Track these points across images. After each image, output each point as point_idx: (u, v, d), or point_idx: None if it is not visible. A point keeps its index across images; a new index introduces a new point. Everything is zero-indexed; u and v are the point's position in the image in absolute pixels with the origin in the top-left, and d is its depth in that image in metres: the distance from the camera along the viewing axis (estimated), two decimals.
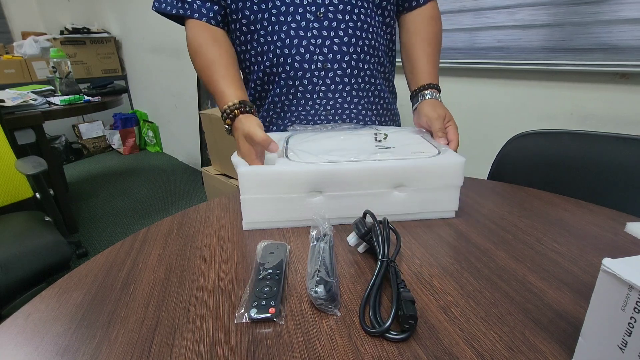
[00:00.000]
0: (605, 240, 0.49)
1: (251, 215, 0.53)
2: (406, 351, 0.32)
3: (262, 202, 0.52)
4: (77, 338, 0.34)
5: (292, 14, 0.65)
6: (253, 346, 0.33)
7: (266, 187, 0.51)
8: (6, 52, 3.09)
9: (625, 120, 1.01)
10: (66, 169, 2.97)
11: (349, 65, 0.69)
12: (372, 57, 0.71)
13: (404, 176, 0.52)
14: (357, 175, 0.51)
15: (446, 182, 0.53)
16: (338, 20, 0.66)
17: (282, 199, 0.52)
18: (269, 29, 0.66)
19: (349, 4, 0.66)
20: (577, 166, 0.72)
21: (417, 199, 0.54)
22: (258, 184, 0.51)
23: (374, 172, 0.52)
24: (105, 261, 0.47)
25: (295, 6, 0.64)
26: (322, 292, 0.36)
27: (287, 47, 0.66)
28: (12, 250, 0.98)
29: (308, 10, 0.65)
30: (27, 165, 1.16)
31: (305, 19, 0.65)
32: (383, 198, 0.53)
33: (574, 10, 1.03)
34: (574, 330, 0.34)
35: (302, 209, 0.53)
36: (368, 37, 0.69)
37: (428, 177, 0.53)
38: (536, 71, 1.14)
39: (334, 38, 0.66)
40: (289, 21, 0.65)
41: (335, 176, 0.51)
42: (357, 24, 0.67)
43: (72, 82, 2.05)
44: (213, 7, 0.68)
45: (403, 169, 0.52)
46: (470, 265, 0.44)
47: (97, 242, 2.05)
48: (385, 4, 0.71)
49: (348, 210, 0.53)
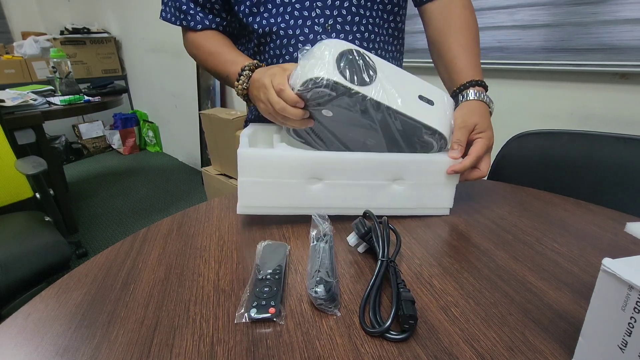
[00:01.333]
0: (605, 240, 0.49)
1: (248, 198, 0.52)
2: (406, 351, 0.32)
3: (260, 185, 0.51)
4: (77, 338, 0.34)
5: (301, 27, 0.64)
6: (253, 346, 0.33)
7: (265, 170, 0.50)
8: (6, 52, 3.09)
9: (625, 120, 1.01)
10: (66, 169, 2.97)
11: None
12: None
13: (403, 169, 0.53)
14: (358, 165, 0.52)
15: (443, 179, 0.54)
16: (346, 31, 0.65)
17: (281, 183, 0.51)
18: (278, 43, 0.66)
19: (357, 14, 0.65)
20: (577, 166, 0.72)
21: (415, 194, 0.54)
22: (257, 166, 0.50)
23: (375, 163, 0.52)
24: (105, 261, 0.47)
25: (303, 19, 0.64)
26: (322, 292, 0.36)
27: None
28: (12, 250, 0.98)
29: (316, 23, 0.64)
30: (27, 165, 1.16)
31: (313, 32, 0.64)
32: (381, 190, 0.54)
33: (573, 10, 1.03)
34: (574, 330, 0.34)
35: (301, 196, 0.52)
36: (375, 47, 0.69)
37: (427, 172, 0.53)
38: (536, 71, 1.14)
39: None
40: (297, 34, 0.65)
41: (337, 164, 0.51)
42: (364, 34, 0.66)
43: (72, 82, 2.05)
44: (215, 19, 0.69)
45: (404, 162, 0.52)
46: (470, 265, 0.44)
47: (97, 242, 2.05)
48: (397, 9, 0.69)
49: (346, 200, 0.53)
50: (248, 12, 0.66)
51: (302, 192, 0.52)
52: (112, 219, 2.30)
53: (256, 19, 0.66)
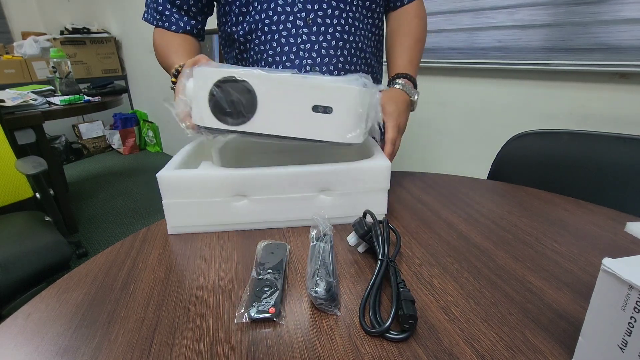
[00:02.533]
0: (605, 240, 0.49)
1: (175, 220, 0.52)
2: (406, 351, 0.32)
3: (185, 206, 0.50)
4: (77, 338, 0.34)
5: (284, 22, 0.67)
6: (253, 346, 0.33)
7: (188, 191, 0.50)
8: (6, 52, 3.09)
9: (625, 120, 1.01)
10: (66, 169, 2.97)
11: (336, 67, 0.70)
12: (359, 59, 0.73)
13: (328, 181, 0.51)
14: (281, 180, 0.50)
15: (372, 186, 0.52)
16: (326, 24, 0.67)
17: (205, 203, 0.50)
18: (262, 39, 0.68)
19: (337, 8, 0.67)
20: (577, 166, 0.72)
21: (345, 203, 0.52)
22: (179, 188, 0.49)
23: (296, 177, 0.50)
24: (105, 261, 0.47)
25: (286, 14, 0.66)
26: (322, 292, 0.36)
27: (278, 55, 0.68)
28: (12, 250, 0.98)
29: (298, 17, 0.66)
30: (27, 165, 1.16)
31: (295, 26, 0.67)
32: (310, 202, 0.52)
33: (573, 10, 1.03)
34: (574, 330, 0.34)
35: (227, 213, 0.51)
36: (355, 40, 0.71)
37: (353, 182, 0.51)
38: (536, 71, 1.14)
39: (322, 42, 0.68)
40: (280, 29, 0.67)
41: (257, 181, 0.50)
42: (344, 27, 0.69)
43: (72, 82, 2.05)
44: (190, 21, 0.72)
45: (326, 174, 0.50)
46: (470, 265, 0.44)
47: (97, 242, 2.05)
48: (375, 6, 0.73)
49: (274, 214, 0.52)
50: (238, 12, 0.68)
51: (227, 209, 0.51)
52: (112, 219, 2.30)
53: (246, 17, 0.68)
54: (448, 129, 1.39)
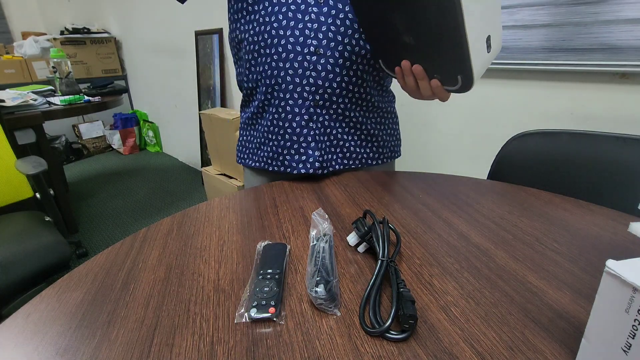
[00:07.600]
0: (605, 240, 0.49)
1: None
2: (406, 351, 0.32)
3: None
4: (77, 338, 0.34)
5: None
6: (253, 346, 0.33)
7: None
8: (6, 52, 3.09)
9: (625, 120, 1.01)
10: (66, 169, 2.97)
11: (341, 55, 0.68)
12: (367, 52, 0.70)
13: None
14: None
15: None
16: (338, 8, 0.65)
17: None
18: (269, 10, 0.66)
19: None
20: (577, 166, 0.72)
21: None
22: None
23: None
24: (105, 261, 0.47)
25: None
26: (322, 292, 0.36)
27: (282, 29, 0.66)
28: (12, 250, 0.98)
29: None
30: (27, 165, 1.16)
31: (305, 2, 0.65)
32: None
33: (574, 10, 1.03)
34: (574, 330, 0.34)
35: None
36: None
37: None
38: (536, 71, 1.14)
39: (331, 25, 0.66)
40: (289, 3, 0.65)
41: None
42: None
43: (72, 82, 2.05)
44: None
45: None
46: (470, 265, 0.44)
47: (97, 242, 2.05)
48: None
49: None
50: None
51: None
52: (112, 219, 2.30)
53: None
54: (448, 129, 1.39)
